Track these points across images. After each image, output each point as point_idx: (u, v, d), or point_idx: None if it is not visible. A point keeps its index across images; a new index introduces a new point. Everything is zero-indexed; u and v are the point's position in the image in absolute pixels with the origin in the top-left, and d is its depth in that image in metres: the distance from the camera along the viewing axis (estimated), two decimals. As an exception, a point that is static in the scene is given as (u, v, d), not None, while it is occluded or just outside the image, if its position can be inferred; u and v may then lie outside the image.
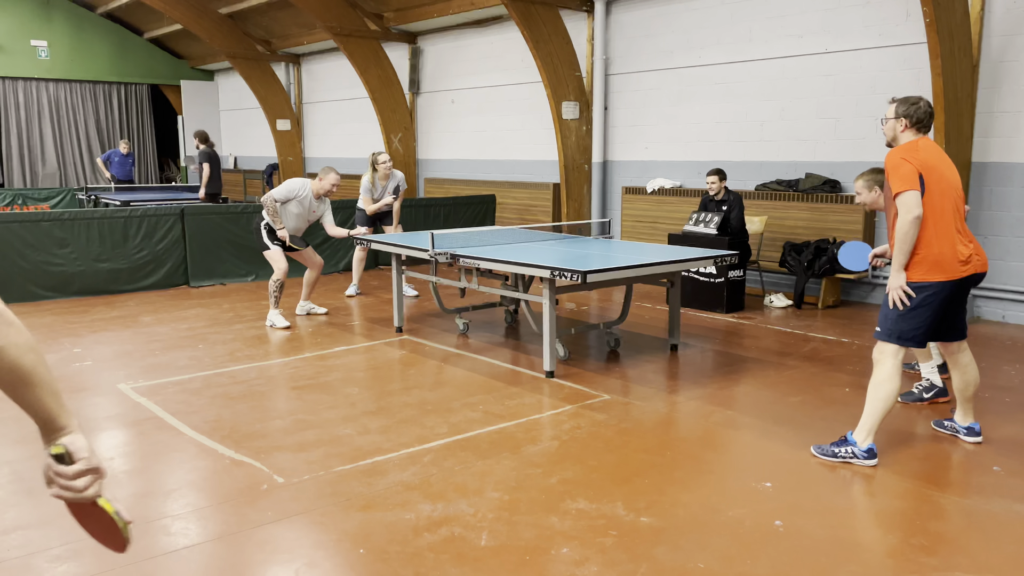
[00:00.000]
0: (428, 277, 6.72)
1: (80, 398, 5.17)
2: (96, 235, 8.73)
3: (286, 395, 5.22)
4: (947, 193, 3.92)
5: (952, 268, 3.90)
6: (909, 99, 4.04)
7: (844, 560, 3.10)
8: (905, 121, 4.00)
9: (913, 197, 3.81)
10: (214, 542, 3.26)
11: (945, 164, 3.99)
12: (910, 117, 3.99)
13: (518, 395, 5.19)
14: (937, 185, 3.89)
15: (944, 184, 3.91)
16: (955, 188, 3.96)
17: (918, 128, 4.01)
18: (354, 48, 13.01)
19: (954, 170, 4.02)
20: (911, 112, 3.98)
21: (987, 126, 7.35)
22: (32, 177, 18.38)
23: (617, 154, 10.67)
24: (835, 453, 4.09)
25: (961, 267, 3.93)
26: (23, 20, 17.44)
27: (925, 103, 4.00)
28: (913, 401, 5.08)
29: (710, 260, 5.92)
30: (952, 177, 3.97)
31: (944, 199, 3.90)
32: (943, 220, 3.89)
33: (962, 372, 4.28)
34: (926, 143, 3.99)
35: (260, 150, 18.28)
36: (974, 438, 4.34)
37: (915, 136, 4.00)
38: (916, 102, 4.00)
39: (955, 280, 3.93)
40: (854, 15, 8.11)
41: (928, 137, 4.04)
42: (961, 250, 3.92)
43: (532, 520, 3.43)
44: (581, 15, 10.67)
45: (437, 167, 13.58)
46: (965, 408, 4.37)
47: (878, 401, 4.01)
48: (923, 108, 3.98)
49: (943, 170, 3.94)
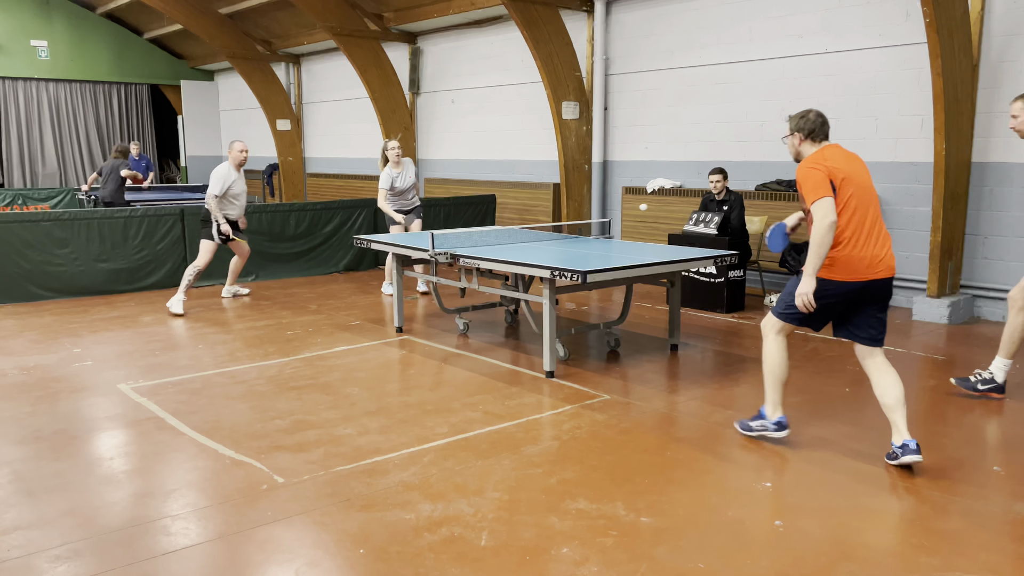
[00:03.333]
0: (428, 277, 6.72)
1: (80, 398, 5.17)
2: (96, 235, 8.73)
3: (286, 395, 5.22)
4: (860, 195, 3.94)
5: (861, 270, 3.92)
6: (799, 113, 4.15)
7: (844, 560, 3.10)
8: (799, 135, 4.11)
9: (827, 204, 3.84)
10: (214, 542, 3.26)
11: (855, 167, 4.04)
12: (802, 130, 4.11)
13: (518, 395, 5.19)
14: (849, 188, 3.92)
15: (856, 187, 3.96)
16: (867, 190, 4.01)
17: (813, 139, 4.11)
18: (354, 48, 13.01)
19: (866, 172, 4.08)
20: (802, 125, 4.12)
21: (987, 126, 7.35)
22: (32, 177, 18.38)
23: (617, 154, 10.67)
24: (751, 427, 4.39)
25: (870, 271, 3.93)
26: (23, 20, 17.44)
27: (815, 113, 4.12)
28: (967, 388, 5.12)
29: (710, 260, 5.92)
30: (864, 179, 4.03)
31: (858, 202, 3.93)
32: (858, 223, 3.93)
33: (874, 383, 4.08)
34: (832, 150, 4.07)
35: (260, 150, 18.27)
36: (909, 457, 3.87)
37: (815, 146, 4.11)
38: (805, 115, 4.14)
39: (862, 282, 3.94)
40: (854, 15, 8.11)
41: (835, 144, 4.14)
42: (875, 252, 3.94)
43: (532, 520, 3.43)
44: (581, 15, 10.67)
45: (437, 167, 13.58)
46: (893, 424, 4.00)
47: (769, 374, 4.25)
48: (812, 119, 4.11)
49: (854, 173, 3.96)
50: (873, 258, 3.93)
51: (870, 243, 3.93)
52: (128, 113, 19.50)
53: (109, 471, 3.98)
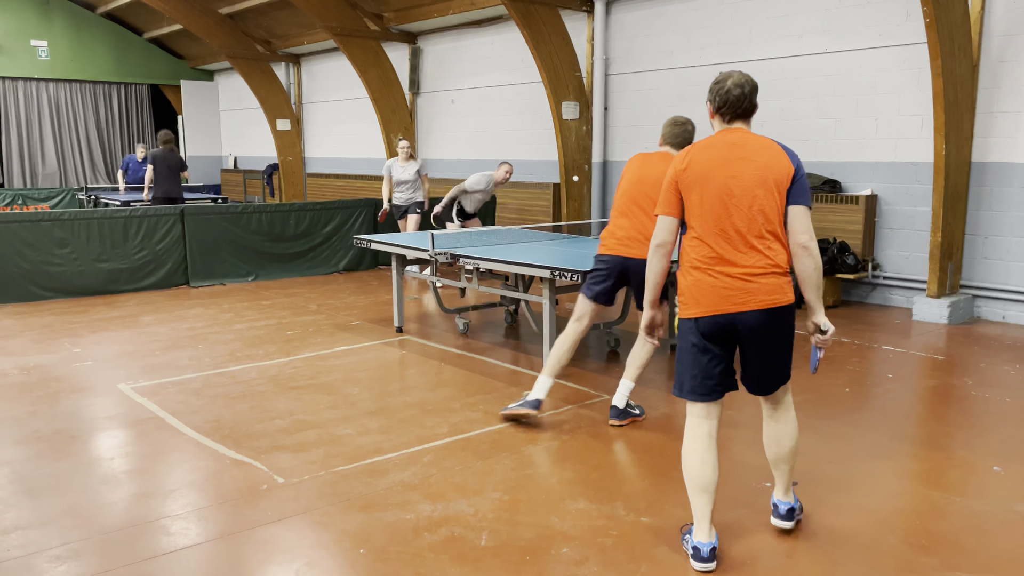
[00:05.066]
0: (428, 277, 6.72)
1: (80, 398, 5.17)
2: (96, 235, 8.73)
3: (286, 395, 5.22)
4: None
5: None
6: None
7: (844, 560, 3.10)
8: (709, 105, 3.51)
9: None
10: (214, 542, 3.26)
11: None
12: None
13: (518, 395, 5.18)
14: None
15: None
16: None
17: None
18: (354, 48, 13.01)
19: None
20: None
21: (987, 126, 7.35)
22: (32, 177, 18.39)
23: (617, 154, 10.67)
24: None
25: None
26: (23, 20, 17.45)
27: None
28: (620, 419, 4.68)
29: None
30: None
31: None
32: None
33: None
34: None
35: (260, 150, 18.29)
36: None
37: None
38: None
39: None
40: (854, 15, 8.11)
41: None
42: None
43: (532, 520, 3.43)
44: (581, 15, 10.67)
45: (437, 167, 13.58)
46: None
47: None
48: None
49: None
50: (733, 277, 3.08)
51: (728, 260, 3.09)
52: (128, 113, 19.50)
53: (109, 471, 3.98)
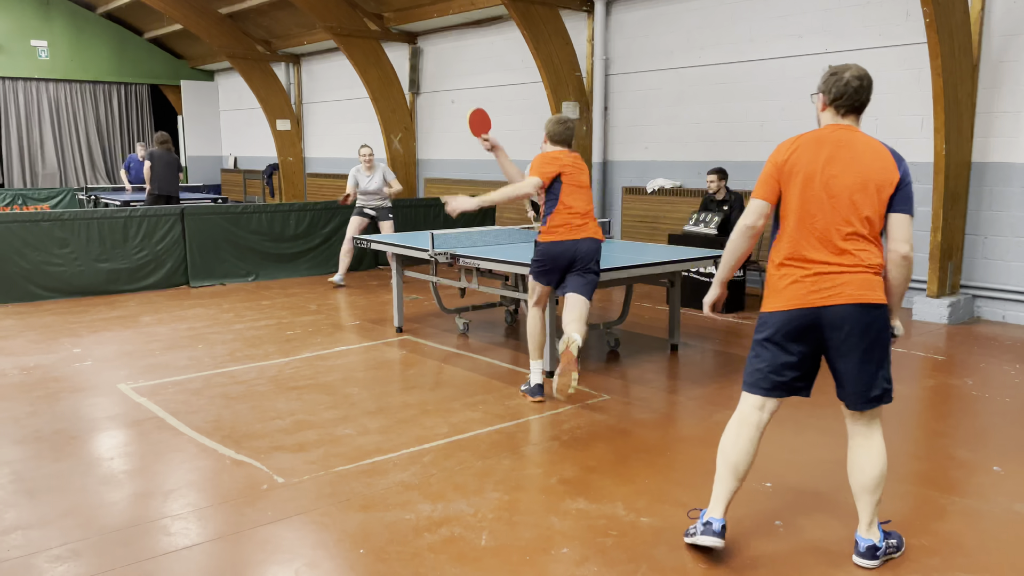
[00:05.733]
0: (428, 277, 6.72)
1: (80, 398, 5.17)
2: (96, 235, 8.73)
3: (286, 395, 5.22)
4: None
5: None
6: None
7: (844, 560, 3.10)
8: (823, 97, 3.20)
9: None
10: (214, 542, 3.26)
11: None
12: (827, 92, 3.66)
13: (518, 395, 5.19)
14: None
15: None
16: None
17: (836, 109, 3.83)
18: (354, 48, 13.01)
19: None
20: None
21: (987, 126, 7.35)
22: (32, 177, 18.38)
23: (617, 154, 10.67)
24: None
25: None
26: (23, 20, 17.44)
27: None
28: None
29: (710, 260, 5.92)
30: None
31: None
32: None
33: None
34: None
35: (260, 150, 18.28)
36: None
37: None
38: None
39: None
40: (854, 15, 8.11)
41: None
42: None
43: (532, 520, 3.43)
44: (581, 15, 10.67)
45: (437, 167, 13.58)
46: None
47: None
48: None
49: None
50: (818, 274, 3.08)
51: (818, 257, 3.05)
52: (128, 113, 19.49)
53: (109, 471, 3.98)
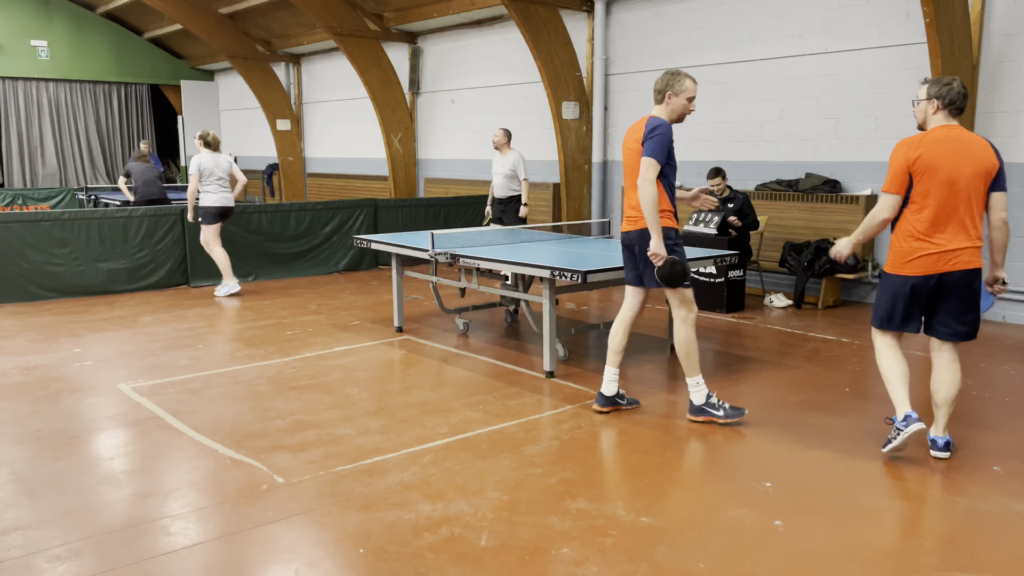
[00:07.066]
0: (428, 277, 6.72)
1: (80, 398, 5.17)
2: (96, 235, 8.73)
3: (286, 395, 5.22)
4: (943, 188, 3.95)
5: (929, 264, 3.94)
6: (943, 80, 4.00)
7: (844, 560, 3.10)
8: (937, 102, 3.94)
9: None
10: (214, 542, 3.26)
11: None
12: (942, 97, 3.91)
13: (518, 395, 5.19)
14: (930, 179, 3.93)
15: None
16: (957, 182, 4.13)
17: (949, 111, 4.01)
18: (354, 48, 13.01)
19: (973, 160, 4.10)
20: (942, 92, 3.96)
21: (987, 126, 7.34)
22: (32, 177, 18.38)
23: (617, 154, 10.66)
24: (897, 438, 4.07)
25: (939, 264, 3.93)
26: (23, 20, 17.44)
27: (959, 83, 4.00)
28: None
29: (710, 260, 5.92)
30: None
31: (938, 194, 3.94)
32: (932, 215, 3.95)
33: (932, 376, 4.21)
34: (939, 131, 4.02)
35: (260, 150, 18.27)
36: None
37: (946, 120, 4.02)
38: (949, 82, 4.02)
39: (932, 275, 3.94)
40: (854, 15, 8.11)
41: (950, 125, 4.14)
42: (948, 245, 3.93)
43: (532, 520, 3.43)
44: (581, 15, 10.67)
45: (437, 167, 13.58)
46: (935, 418, 4.19)
47: (884, 380, 4.22)
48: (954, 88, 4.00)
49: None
50: (944, 251, 3.90)
51: (943, 236, 3.89)
52: (128, 113, 19.49)
53: (109, 471, 3.98)
